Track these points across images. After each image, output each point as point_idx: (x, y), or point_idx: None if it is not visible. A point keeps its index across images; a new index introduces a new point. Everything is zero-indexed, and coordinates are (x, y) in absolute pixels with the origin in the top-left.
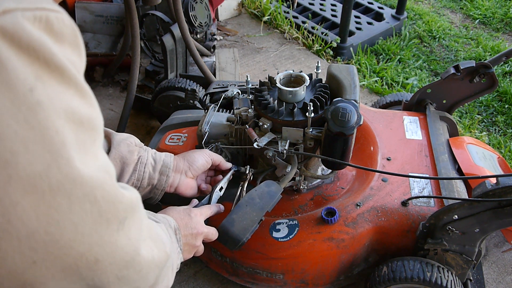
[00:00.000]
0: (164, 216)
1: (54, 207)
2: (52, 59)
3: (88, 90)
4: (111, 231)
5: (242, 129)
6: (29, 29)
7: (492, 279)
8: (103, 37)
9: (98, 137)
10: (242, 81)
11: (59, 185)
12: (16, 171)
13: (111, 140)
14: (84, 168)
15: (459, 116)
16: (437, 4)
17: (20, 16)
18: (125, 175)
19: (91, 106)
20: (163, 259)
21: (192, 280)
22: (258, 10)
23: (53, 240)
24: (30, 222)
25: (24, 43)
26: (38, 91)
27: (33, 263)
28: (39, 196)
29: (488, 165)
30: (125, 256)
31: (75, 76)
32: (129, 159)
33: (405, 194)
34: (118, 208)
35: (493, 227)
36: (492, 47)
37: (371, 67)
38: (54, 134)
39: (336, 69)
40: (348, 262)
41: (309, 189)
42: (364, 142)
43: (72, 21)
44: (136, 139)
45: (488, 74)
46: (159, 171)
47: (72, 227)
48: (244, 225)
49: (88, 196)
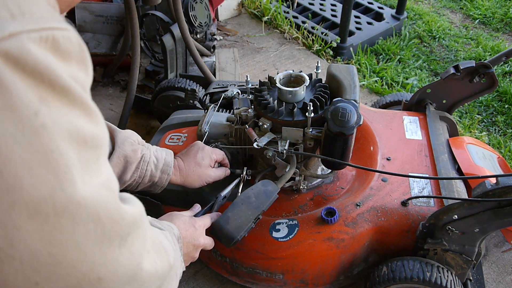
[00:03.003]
0: (169, 224)
1: (58, 229)
2: (57, 81)
3: (93, 107)
4: (113, 248)
5: (242, 129)
6: (35, 52)
7: (492, 279)
8: (103, 37)
9: (102, 153)
10: (242, 81)
11: (63, 207)
12: (20, 197)
13: (115, 138)
14: (87, 188)
15: (459, 116)
16: (437, 4)
17: (26, 39)
18: (128, 173)
19: (96, 124)
20: (166, 270)
21: (192, 280)
22: (258, 10)
23: (56, 261)
24: (33, 244)
25: (29, 67)
26: (43, 114)
27: (36, 284)
28: (43, 219)
29: (488, 165)
30: (127, 272)
31: (80, 95)
32: (133, 157)
33: (405, 194)
34: (121, 225)
35: (493, 227)
36: (492, 47)
37: (371, 67)
38: (58, 156)
39: (336, 69)
40: (348, 262)
41: (309, 189)
42: (364, 142)
43: (78, 37)
44: (138, 137)
45: (488, 74)
46: (161, 170)
47: (75, 247)
48: (239, 223)
49: (92, 216)
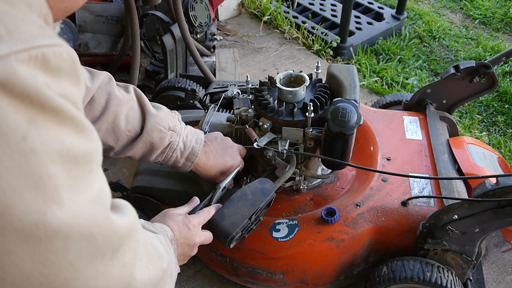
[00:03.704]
0: (162, 226)
1: (50, 250)
2: (47, 101)
3: (85, 123)
4: (105, 261)
5: (242, 129)
6: (23, 73)
7: (492, 279)
8: (103, 37)
9: (94, 167)
10: (242, 81)
11: (55, 230)
12: (11, 223)
13: (145, 122)
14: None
15: (459, 116)
16: (437, 4)
17: (14, 60)
18: (152, 155)
19: (88, 140)
20: (159, 275)
21: (192, 280)
22: (258, 10)
23: (49, 280)
24: (25, 267)
25: (17, 90)
26: (31, 137)
27: None
28: (35, 243)
29: (488, 165)
30: (121, 283)
31: (71, 113)
32: (159, 144)
33: (405, 194)
34: (113, 239)
35: (493, 227)
36: (492, 47)
37: (371, 67)
38: (47, 179)
39: (336, 69)
40: (348, 262)
41: (309, 189)
42: (364, 142)
43: (70, 52)
44: (171, 120)
45: (488, 74)
46: (186, 157)
47: (68, 266)
48: (235, 219)
49: (84, 234)
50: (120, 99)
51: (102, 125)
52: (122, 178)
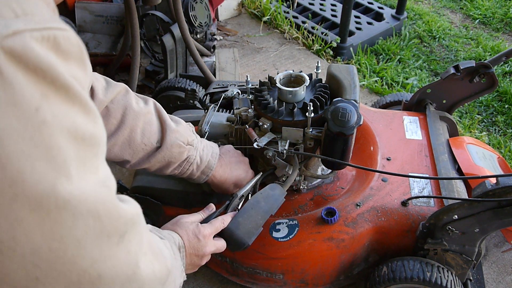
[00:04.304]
0: (170, 232)
1: (59, 223)
2: (58, 78)
3: (92, 106)
4: (111, 245)
5: (242, 129)
6: (37, 50)
7: (492, 279)
8: (103, 37)
9: (99, 152)
10: (242, 81)
11: (64, 202)
12: (23, 190)
13: (165, 137)
14: (85, 185)
15: (459, 116)
16: (437, 4)
17: (29, 37)
18: (169, 169)
19: (94, 123)
20: (164, 273)
21: (192, 280)
22: (258, 10)
23: (57, 256)
24: (35, 238)
25: (32, 64)
26: (43, 110)
27: (36, 279)
28: (45, 213)
29: (488, 165)
30: (126, 270)
31: (79, 93)
32: (177, 158)
33: (405, 194)
34: (119, 222)
35: (493, 227)
36: (492, 47)
37: (371, 67)
38: (57, 152)
39: (336, 69)
40: (348, 262)
41: (309, 189)
42: (364, 142)
43: (78, 38)
44: (189, 134)
45: (488, 74)
46: (201, 171)
47: (75, 243)
48: (249, 228)
49: (91, 212)
50: (137, 112)
51: (118, 140)
52: (122, 178)
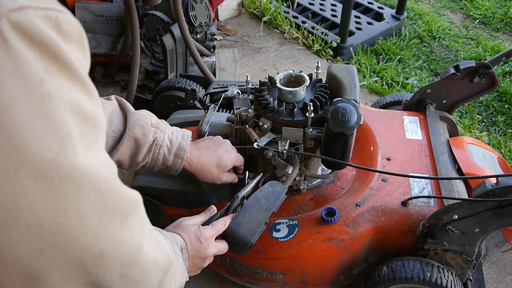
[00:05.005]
0: (172, 234)
1: (61, 195)
2: (61, 55)
3: (92, 88)
4: (114, 225)
5: (242, 129)
6: (41, 26)
7: (492, 279)
8: (103, 37)
9: (100, 135)
10: (242, 81)
11: (67, 174)
12: (27, 158)
13: (127, 120)
14: (89, 160)
15: (459, 116)
16: (437, 4)
17: (33, 14)
18: (140, 155)
19: (95, 104)
20: (166, 263)
21: (192, 280)
22: (258, 10)
23: (60, 230)
24: (39, 209)
25: (36, 38)
26: (47, 83)
27: (40, 252)
28: (48, 184)
29: (488, 165)
30: (128, 252)
31: (81, 73)
32: (143, 140)
33: (405, 194)
34: (121, 202)
35: (493, 227)
36: (492, 47)
37: (371, 67)
38: (61, 124)
39: (336, 69)
40: (348, 262)
41: (309, 189)
42: (364, 142)
43: (78, 23)
44: (153, 118)
45: (488, 74)
46: (174, 154)
47: (78, 218)
48: (251, 226)
49: (94, 187)
50: (102, 104)
51: None
52: (122, 178)
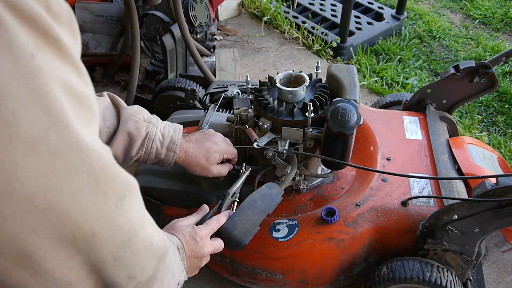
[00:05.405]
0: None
1: (52, 171)
2: (51, 32)
3: (84, 70)
4: (109, 206)
5: (242, 129)
6: (30, 2)
7: (492, 279)
8: (103, 37)
9: (94, 118)
10: (242, 81)
11: (57, 149)
12: (17, 131)
13: (120, 115)
14: (81, 138)
15: (459, 116)
16: (437, 4)
17: None
18: (133, 149)
19: (87, 85)
20: (162, 249)
21: (192, 280)
22: (258, 10)
23: (52, 207)
24: (30, 184)
25: (26, 13)
26: (38, 58)
27: (33, 230)
28: (38, 158)
29: (488, 165)
30: (122, 235)
31: (72, 54)
32: (136, 135)
33: (405, 194)
34: (116, 183)
35: (493, 227)
36: (492, 47)
37: (371, 67)
38: (53, 99)
39: (336, 69)
40: (348, 262)
41: (309, 189)
42: (364, 142)
43: (68, 6)
44: (145, 113)
45: (488, 74)
46: (167, 147)
47: (70, 195)
48: (246, 227)
49: (86, 165)
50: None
51: None
52: None
